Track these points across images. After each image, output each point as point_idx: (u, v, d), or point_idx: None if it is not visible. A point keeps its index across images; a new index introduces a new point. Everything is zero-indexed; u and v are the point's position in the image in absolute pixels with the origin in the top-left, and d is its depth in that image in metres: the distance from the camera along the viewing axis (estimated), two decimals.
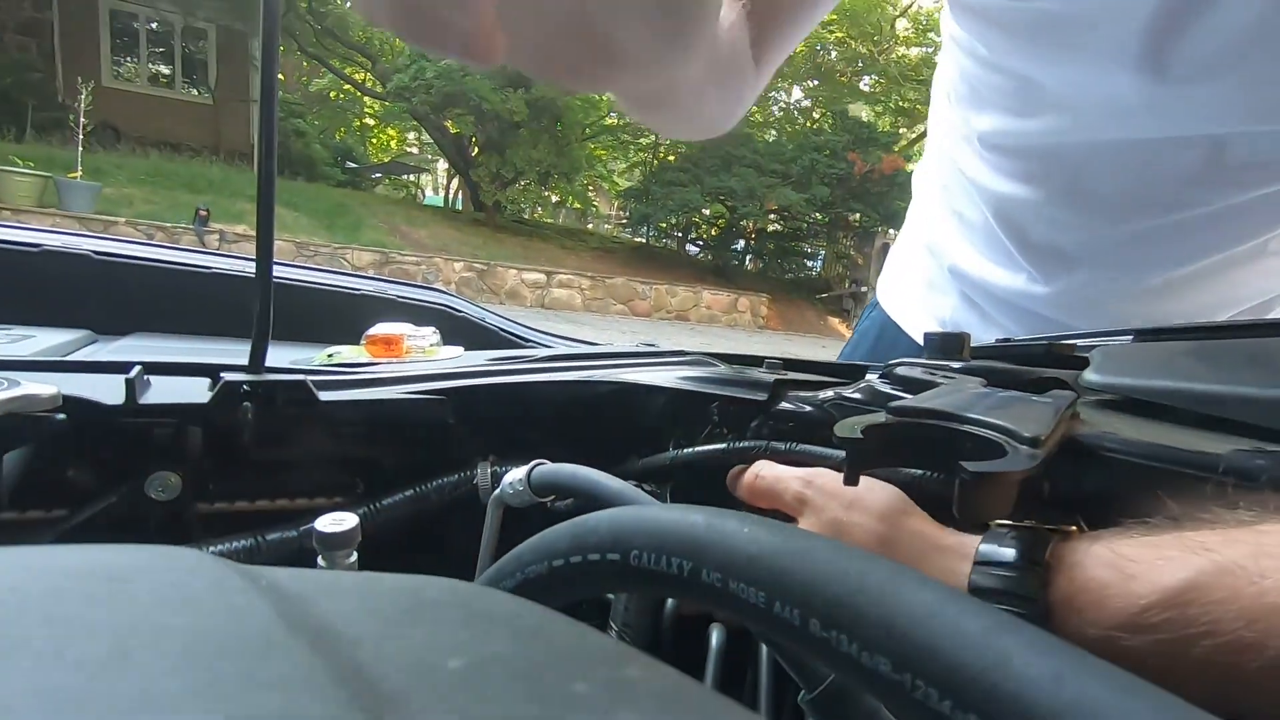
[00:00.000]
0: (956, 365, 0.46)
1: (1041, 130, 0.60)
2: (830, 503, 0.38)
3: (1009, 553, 0.28)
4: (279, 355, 0.47)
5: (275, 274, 0.43)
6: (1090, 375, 0.45)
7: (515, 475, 0.42)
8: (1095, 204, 0.61)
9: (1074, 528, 0.30)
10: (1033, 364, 0.50)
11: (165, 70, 11.42)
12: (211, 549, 0.41)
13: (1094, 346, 0.52)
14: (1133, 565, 0.26)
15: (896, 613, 0.13)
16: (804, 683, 0.29)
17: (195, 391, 0.43)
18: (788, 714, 0.44)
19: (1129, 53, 0.50)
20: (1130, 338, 0.56)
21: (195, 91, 11.61)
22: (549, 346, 0.76)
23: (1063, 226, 0.64)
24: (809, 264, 14.76)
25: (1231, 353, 0.49)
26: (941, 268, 0.80)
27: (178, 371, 0.46)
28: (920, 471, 0.40)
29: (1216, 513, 0.27)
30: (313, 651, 0.10)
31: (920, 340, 0.82)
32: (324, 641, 0.11)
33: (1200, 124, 0.52)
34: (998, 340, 0.63)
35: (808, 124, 14.24)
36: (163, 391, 0.42)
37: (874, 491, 0.37)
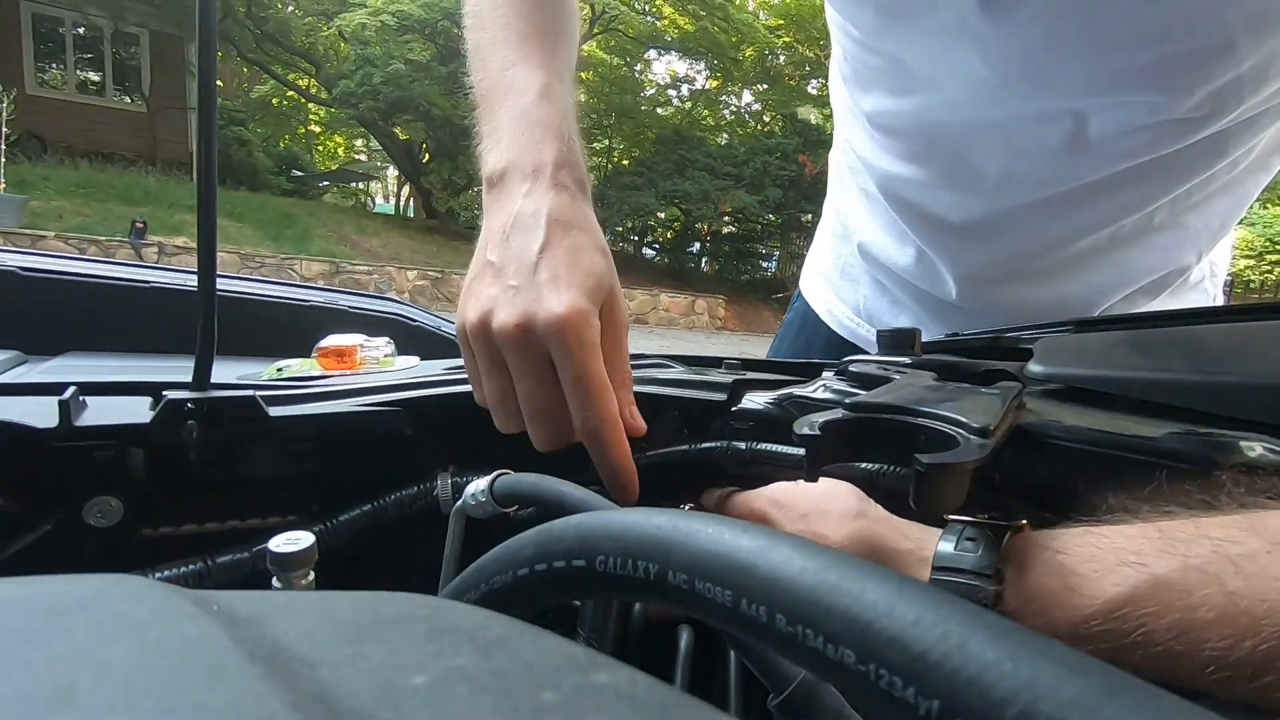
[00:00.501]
0: (908, 360, 0.48)
1: (918, 109, 0.62)
2: (788, 515, 0.38)
3: (967, 558, 0.29)
4: (225, 371, 0.45)
5: (219, 287, 0.41)
6: (1034, 366, 0.47)
7: (477, 486, 0.41)
8: (976, 182, 0.63)
9: (1024, 522, 0.31)
10: (980, 357, 0.52)
11: (95, 77, 10.93)
12: (157, 575, 0.39)
13: (1037, 338, 0.54)
14: (1074, 577, 0.27)
15: (859, 605, 0.13)
16: (771, 686, 0.29)
17: (136, 411, 0.41)
18: (756, 715, 0.44)
19: (970, 22, 0.52)
20: (1071, 329, 0.58)
21: (128, 99, 11.14)
22: None
23: (949, 205, 0.66)
24: (764, 265, 14.97)
25: (1164, 341, 0.51)
26: (853, 251, 0.81)
27: (116, 391, 0.44)
28: (877, 466, 0.41)
29: (1153, 508, 0.28)
30: (268, 676, 0.10)
31: (840, 331, 0.84)
32: (280, 664, 0.10)
33: (1056, 98, 0.54)
34: (946, 335, 0.65)
35: (759, 127, 14.46)
36: (101, 413, 0.40)
37: (832, 499, 0.37)
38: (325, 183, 15.42)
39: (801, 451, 0.30)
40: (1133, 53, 0.50)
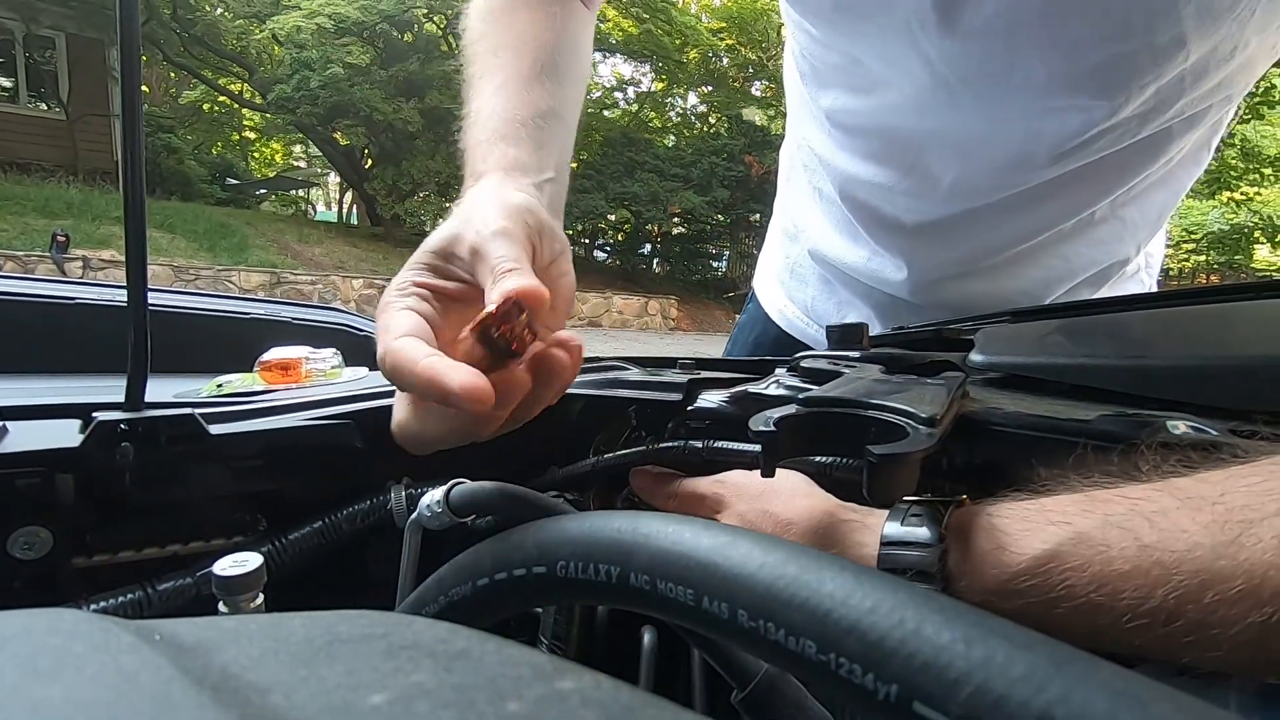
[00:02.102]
0: (856, 355, 0.49)
1: (877, 108, 0.63)
2: (741, 496, 0.39)
3: (916, 532, 0.30)
4: (161, 389, 0.43)
5: (151, 301, 0.39)
6: (976, 356, 0.49)
7: (432, 497, 0.40)
8: (932, 187, 0.64)
9: (964, 497, 0.32)
10: (925, 349, 0.53)
11: (6, 83, 10.30)
12: (93, 607, 0.37)
13: (978, 329, 0.57)
14: (1005, 536, 0.29)
15: (818, 596, 0.14)
16: (735, 682, 0.30)
17: (64, 435, 0.39)
18: (721, 712, 0.44)
19: (928, 22, 0.54)
20: (1009, 319, 0.61)
21: (44, 106, 10.55)
22: None
23: (904, 209, 0.68)
24: (714, 264, 15.12)
25: (1095, 328, 0.54)
26: (802, 251, 0.82)
27: (41, 414, 0.41)
28: (829, 459, 0.41)
29: (1082, 477, 0.30)
30: (218, 705, 0.10)
31: (790, 330, 0.85)
32: (230, 692, 0.10)
33: (1011, 104, 0.56)
34: (892, 329, 0.67)
35: (705, 129, 14.60)
36: (24, 438, 0.38)
37: (781, 480, 0.38)
38: (263, 190, 14.89)
39: (758, 448, 0.31)
40: (1093, 52, 0.51)
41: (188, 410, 0.41)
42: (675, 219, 13.32)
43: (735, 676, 0.30)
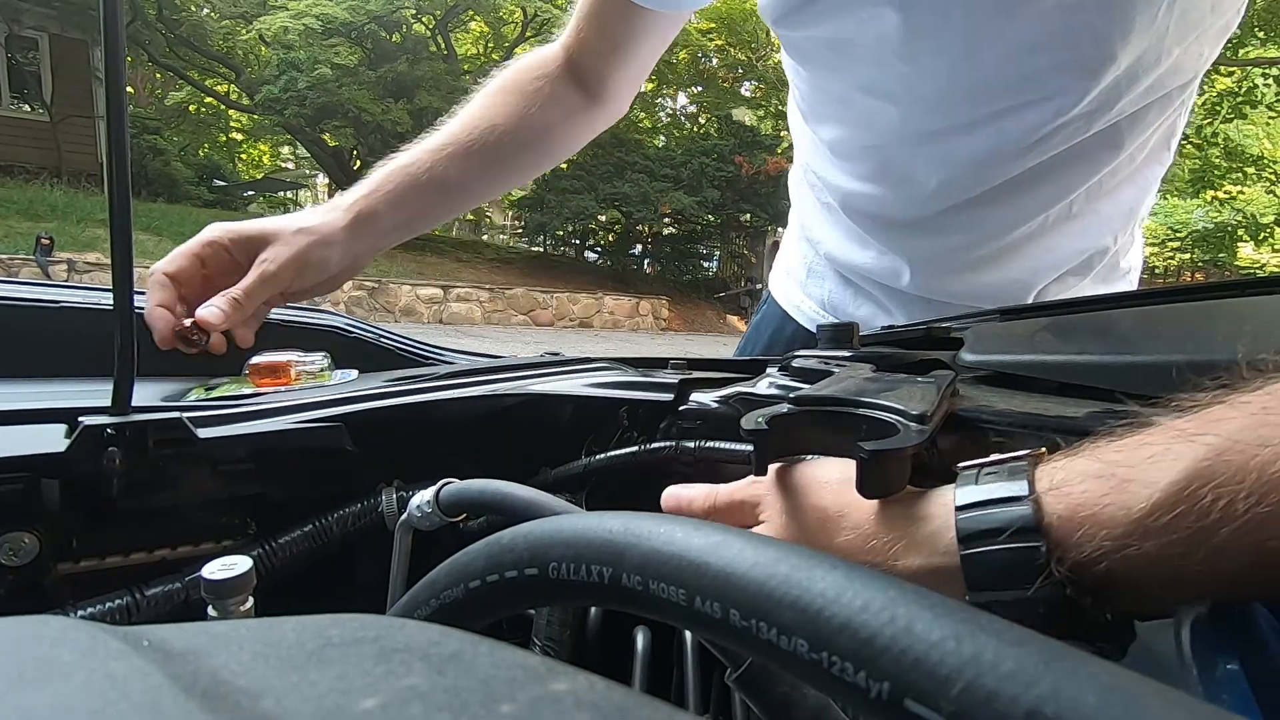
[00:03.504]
0: (847, 353, 0.49)
1: (867, 137, 0.74)
2: (783, 492, 0.35)
3: (1001, 487, 0.26)
4: (148, 393, 0.43)
5: (138, 304, 0.39)
6: (965, 354, 0.49)
7: (422, 497, 0.40)
8: (922, 192, 0.72)
9: (1042, 450, 0.28)
10: (915, 347, 0.54)
11: None
12: (80, 613, 0.37)
13: (967, 327, 0.57)
14: (1123, 469, 0.24)
15: (809, 595, 0.14)
16: (729, 662, 0.30)
17: (49, 440, 0.38)
18: (716, 694, 0.45)
19: (894, 54, 0.62)
20: (998, 317, 0.61)
21: (27, 107, 10.42)
22: (450, 363, 0.73)
23: (899, 210, 0.77)
24: (705, 265, 15.14)
25: (1083, 326, 0.54)
26: (819, 255, 0.92)
27: (27, 419, 0.41)
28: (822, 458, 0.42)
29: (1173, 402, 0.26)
30: (207, 711, 0.09)
31: (808, 325, 0.91)
32: (221, 698, 0.10)
33: (979, 107, 0.64)
34: (882, 327, 0.67)
35: (695, 129, 14.61)
36: (9, 443, 0.37)
37: (820, 468, 0.35)
38: (250, 192, 14.78)
39: (750, 447, 0.31)
40: (1039, 58, 0.59)
41: (175, 414, 0.41)
42: (666, 219, 13.33)
43: (730, 657, 0.30)
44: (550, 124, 0.75)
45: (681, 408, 0.50)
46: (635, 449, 0.50)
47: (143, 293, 0.52)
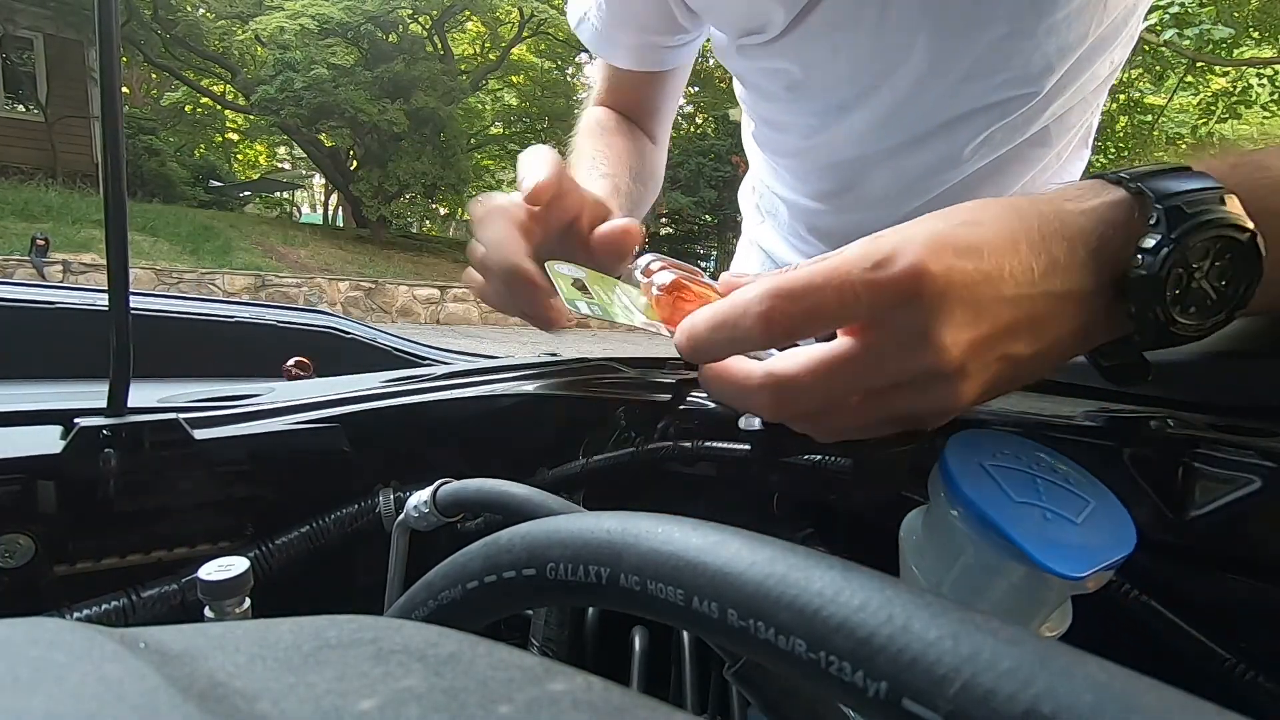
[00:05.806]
0: None
1: (826, 155, 0.77)
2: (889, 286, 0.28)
3: (1180, 184, 0.27)
4: (146, 394, 0.42)
5: (134, 305, 0.39)
6: None
7: (419, 497, 0.40)
8: (871, 201, 0.76)
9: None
10: None
11: None
12: (76, 615, 0.37)
13: None
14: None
15: (806, 594, 0.14)
16: (727, 656, 0.30)
17: (45, 442, 0.38)
18: (714, 689, 0.45)
19: (847, 86, 0.67)
20: None
21: (22, 108, 10.39)
22: (447, 363, 0.73)
23: (853, 224, 0.79)
24: (703, 264, 15.02)
25: None
26: (775, 265, 0.95)
27: (21, 420, 0.41)
28: (820, 456, 0.42)
29: None
30: (204, 713, 0.09)
31: None
32: (218, 700, 0.10)
33: (934, 118, 0.68)
34: None
35: (691, 129, 14.62)
36: (4, 444, 0.37)
37: (919, 224, 0.30)
38: (247, 193, 14.75)
39: (747, 446, 0.31)
40: (990, 78, 0.64)
41: (172, 415, 0.40)
42: (663, 219, 13.34)
43: (726, 650, 0.30)
44: (653, 162, 0.84)
45: (679, 407, 0.50)
46: (633, 449, 0.50)
47: (140, 293, 0.52)
